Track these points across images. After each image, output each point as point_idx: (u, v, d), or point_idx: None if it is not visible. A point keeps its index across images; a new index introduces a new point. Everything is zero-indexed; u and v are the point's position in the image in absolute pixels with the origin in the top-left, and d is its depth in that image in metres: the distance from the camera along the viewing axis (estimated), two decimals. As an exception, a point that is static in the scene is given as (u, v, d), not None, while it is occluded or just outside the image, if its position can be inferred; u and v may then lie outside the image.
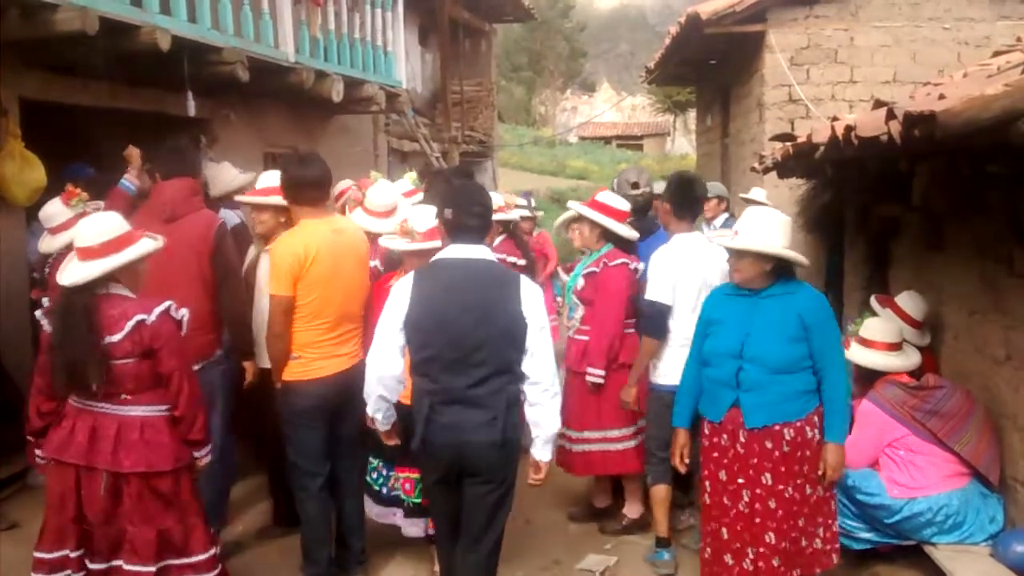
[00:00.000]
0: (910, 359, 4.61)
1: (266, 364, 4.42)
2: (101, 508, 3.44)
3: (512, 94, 46.60)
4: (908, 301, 5.03)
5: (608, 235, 4.90)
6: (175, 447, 3.51)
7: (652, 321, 4.49)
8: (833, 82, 9.95)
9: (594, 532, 5.11)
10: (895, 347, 4.61)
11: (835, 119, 4.99)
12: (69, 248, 4.52)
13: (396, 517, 4.42)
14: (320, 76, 7.76)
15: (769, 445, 3.68)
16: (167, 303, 3.51)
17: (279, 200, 4.47)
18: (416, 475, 4.18)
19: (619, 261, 4.80)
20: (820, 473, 3.68)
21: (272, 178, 4.65)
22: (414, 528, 4.39)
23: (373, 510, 4.48)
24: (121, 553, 3.47)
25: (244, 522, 5.15)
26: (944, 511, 4.18)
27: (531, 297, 3.44)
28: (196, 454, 3.62)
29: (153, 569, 3.47)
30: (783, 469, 3.68)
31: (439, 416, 3.36)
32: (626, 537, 5.03)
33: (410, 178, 5.87)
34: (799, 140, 5.73)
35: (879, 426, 4.34)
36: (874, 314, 5.02)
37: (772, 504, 3.68)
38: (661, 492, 4.61)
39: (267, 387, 4.41)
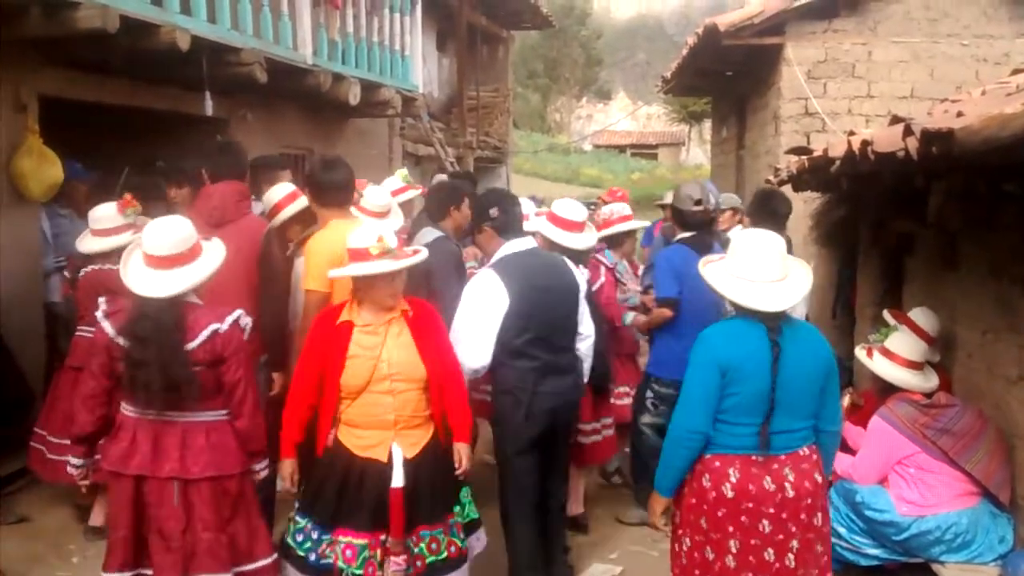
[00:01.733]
0: (928, 381, 4.57)
1: None
2: (176, 517, 3.36)
3: (528, 101, 46.65)
4: (922, 317, 5.00)
5: (557, 246, 4.74)
6: (240, 450, 3.48)
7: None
8: (850, 96, 9.93)
9: (597, 540, 5.10)
10: (917, 366, 4.58)
11: (852, 133, 4.97)
12: (104, 255, 4.61)
13: None
14: (337, 79, 7.79)
15: None
16: (238, 312, 3.48)
17: (298, 206, 4.58)
18: (361, 540, 3.45)
19: None
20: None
21: (285, 188, 4.72)
22: None
23: None
24: (199, 565, 3.38)
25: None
26: (953, 530, 4.15)
27: (578, 274, 4.29)
28: (255, 467, 3.54)
29: (231, 575, 3.42)
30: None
31: (543, 386, 3.98)
32: (631, 547, 5.02)
33: (400, 175, 5.90)
34: (815, 154, 5.71)
35: (889, 443, 4.32)
36: (894, 328, 4.98)
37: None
38: None
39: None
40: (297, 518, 3.56)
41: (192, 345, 3.35)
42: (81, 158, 6.20)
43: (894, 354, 4.59)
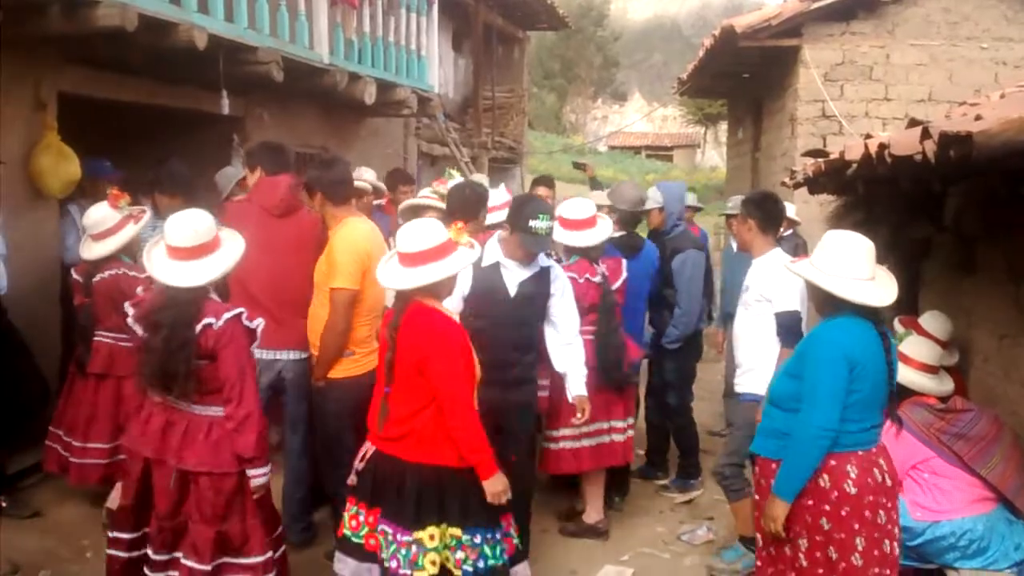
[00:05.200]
0: (943, 385, 4.54)
1: None
2: (169, 501, 3.47)
3: (543, 101, 46.62)
4: (932, 321, 4.96)
5: (571, 248, 4.95)
6: (227, 450, 3.49)
7: (788, 330, 4.40)
8: (867, 99, 9.89)
9: (609, 542, 5.09)
10: (932, 369, 4.55)
11: (868, 136, 4.95)
12: (114, 257, 4.64)
13: None
14: (353, 78, 7.81)
15: (763, 480, 3.54)
16: (238, 310, 3.50)
17: None
18: None
19: (567, 274, 4.71)
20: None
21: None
22: None
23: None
24: (181, 546, 3.50)
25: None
26: (968, 536, 4.12)
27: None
28: (248, 472, 3.47)
29: (209, 568, 3.46)
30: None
31: None
32: (643, 549, 5.01)
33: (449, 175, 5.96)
34: (831, 156, 5.69)
35: (904, 447, 4.28)
36: (908, 332, 4.95)
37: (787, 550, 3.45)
38: (746, 506, 4.62)
39: None
40: (488, 535, 3.46)
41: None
42: (98, 157, 6.22)
43: (909, 358, 4.55)
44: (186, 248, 3.42)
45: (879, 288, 3.36)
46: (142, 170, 5.77)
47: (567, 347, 4.49)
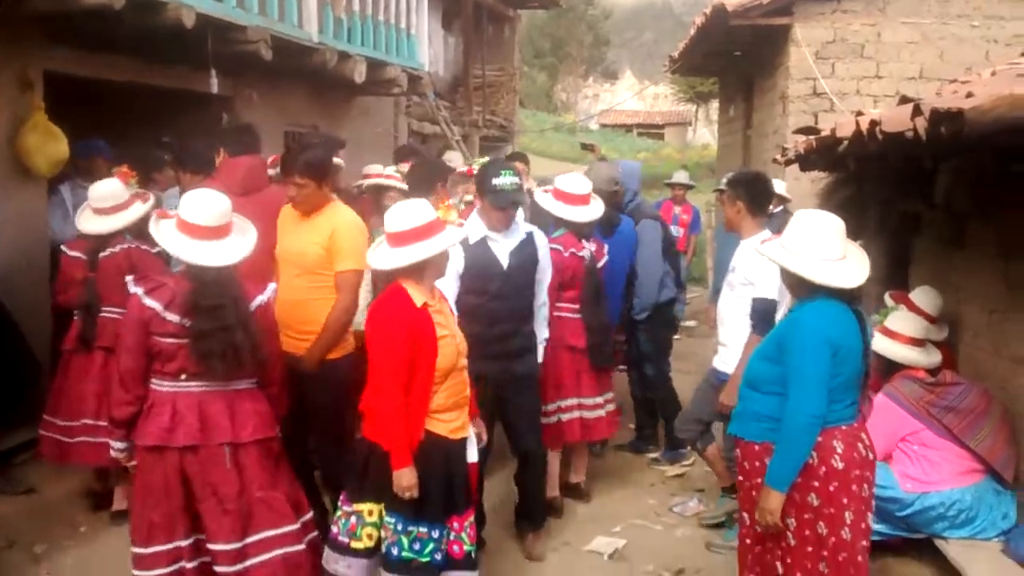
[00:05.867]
0: (931, 357, 4.58)
1: None
2: (230, 482, 3.40)
3: (534, 80, 46.46)
4: (922, 296, 5.00)
5: (562, 220, 4.97)
6: (273, 413, 3.60)
7: (762, 318, 4.31)
8: (858, 77, 9.87)
9: (601, 514, 5.13)
10: (918, 343, 4.58)
11: (860, 114, 4.95)
12: (117, 233, 4.61)
13: None
14: (343, 57, 7.77)
15: (746, 463, 3.52)
16: (273, 284, 3.63)
17: None
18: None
19: (551, 246, 4.73)
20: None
21: None
22: None
23: None
24: (260, 524, 3.43)
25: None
26: (957, 506, 4.17)
27: None
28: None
29: (298, 526, 3.51)
30: (754, 494, 3.41)
31: None
32: (635, 521, 5.05)
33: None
34: (822, 133, 5.70)
35: (894, 420, 4.33)
36: (894, 308, 4.99)
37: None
38: (714, 451, 4.89)
39: None
40: (408, 528, 3.33)
41: None
42: (87, 136, 6.19)
43: (895, 332, 4.59)
44: (213, 227, 3.41)
45: (849, 268, 3.29)
46: (137, 151, 5.74)
47: (540, 314, 4.57)
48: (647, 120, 45.54)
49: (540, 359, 4.56)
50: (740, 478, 3.56)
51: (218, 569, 3.39)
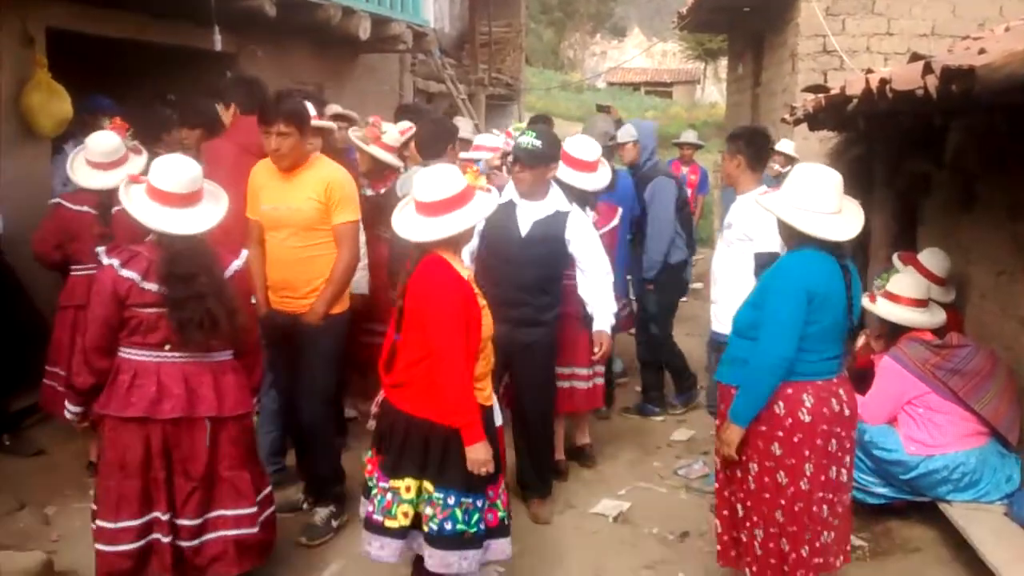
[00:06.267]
0: (935, 317, 4.57)
1: None
2: (205, 458, 3.38)
3: (541, 37, 45.92)
4: (930, 258, 4.97)
5: (565, 187, 4.75)
6: (249, 387, 3.57)
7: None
8: (869, 34, 9.72)
9: (607, 477, 5.16)
10: (921, 303, 4.57)
11: (870, 71, 4.88)
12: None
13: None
14: (347, 13, 7.69)
15: (722, 405, 3.58)
16: (245, 250, 3.59)
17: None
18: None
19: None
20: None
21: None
22: None
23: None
24: (221, 502, 3.43)
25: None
26: (960, 469, 4.18)
27: None
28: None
29: (255, 509, 3.48)
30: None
31: None
32: (640, 484, 5.08)
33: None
34: (832, 92, 5.63)
35: (899, 383, 4.33)
36: (899, 271, 4.97)
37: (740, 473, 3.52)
38: None
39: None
40: (461, 500, 3.26)
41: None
42: (90, 95, 6.14)
43: (897, 295, 4.58)
44: (182, 194, 3.33)
45: (842, 222, 3.32)
46: (142, 110, 5.68)
47: (593, 288, 4.49)
48: (655, 78, 45.03)
49: (598, 326, 4.48)
50: (718, 421, 3.63)
51: (181, 544, 3.39)
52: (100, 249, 3.42)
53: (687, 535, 4.49)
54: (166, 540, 3.33)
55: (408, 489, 3.27)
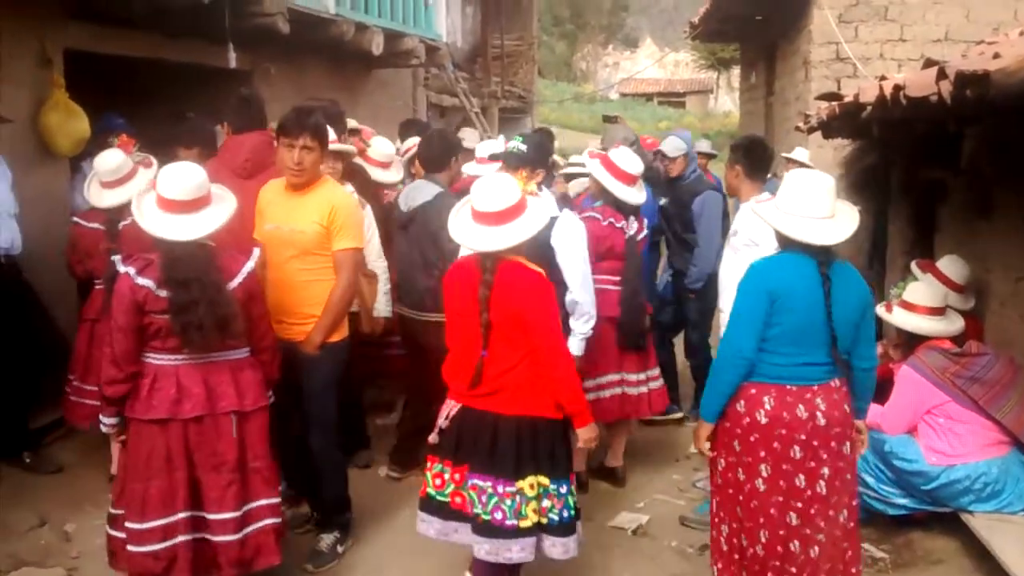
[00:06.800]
0: (953, 324, 4.53)
1: None
2: (234, 450, 3.49)
3: (553, 49, 46.02)
4: (949, 265, 4.94)
5: (607, 194, 4.88)
6: (266, 382, 3.66)
7: None
8: (882, 40, 9.68)
9: (625, 490, 5.14)
10: (938, 312, 4.53)
11: (883, 78, 4.87)
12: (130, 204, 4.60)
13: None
14: (360, 29, 7.73)
15: None
16: (257, 250, 3.64)
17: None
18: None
19: (588, 214, 4.74)
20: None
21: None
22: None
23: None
24: (253, 494, 3.54)
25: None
26: (983, 479, 4.13)
27: None
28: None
29: (277, 500, 3.64)
30: None
31: None
32: (658, 496, 5.06)
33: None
34: (846, 99, 5.61)
35: (918, 392, 4.29)
36: (916, 279, 4.94)
37: None
38: None
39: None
40: (570, 487, 3.52)
41: (233, 284, 3.47)
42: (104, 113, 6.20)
43: (914, 304, 4.55)
44: (183, 201, 3.37)
45: (826, 227, 3.29)
46: (155, 127, 5.73)
47: (570, 299, 4.32)
48: (668, 88, 45.02)
49: (576, 350, 4.30)
50: None
51: (218, 539, 3.46)
52: (116, 258, 3.52)
53: (707, 548, 4.45)
54: (184, 539, 3.42)
55: (531, 487, 3.41)
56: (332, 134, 4.42)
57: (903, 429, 4.33)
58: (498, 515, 3.39)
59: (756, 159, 4.74)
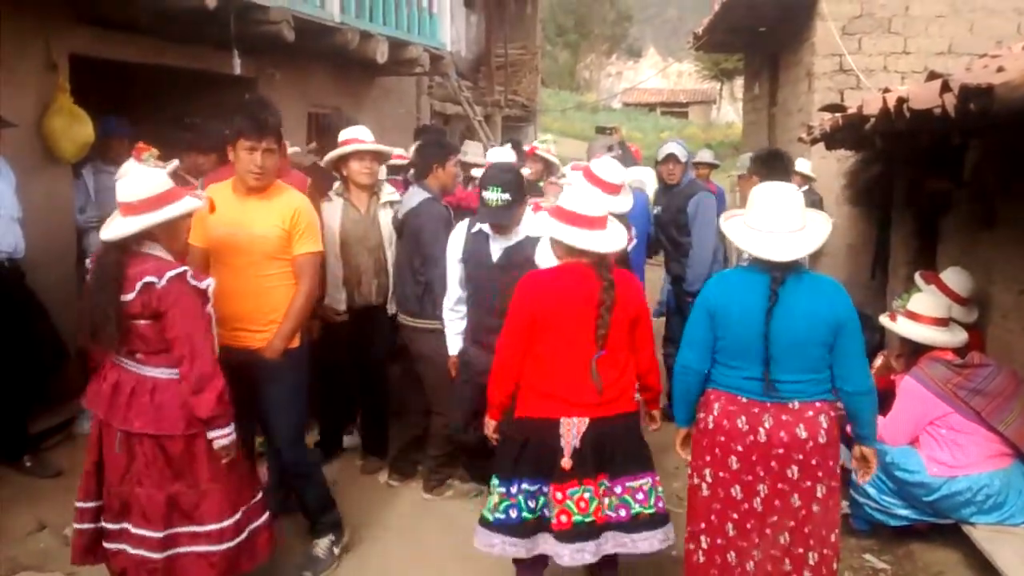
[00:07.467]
0: (956, 336, 4.53)
1: None
2: (116, 465, 3.38)
3: (556, 58, 46.18)
4: (953, 277, 4.94)
5: None
6: (188, 412, 3.32)
7: None
8: (886, 52, 9.70)
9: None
10: (942, 323, 4.53)
11: (887, 90, 4.87)
12: None
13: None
14: (365, 37, 7.75)
15: None
16: (182, 268, 3.32)
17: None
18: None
19: None
20: None
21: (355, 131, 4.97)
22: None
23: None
24: (130, 516, 3.38)
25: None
26: (984, 491, 4.13)
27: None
28: (209, 435, 3.34)
29: (160, 535, 3.35)
30: None
31: None
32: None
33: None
34: (849, 111, 5.62)
35: (921, 403, 4.29)
36: (920, 290, 4.94)
37: None
38: None
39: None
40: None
41: (130, 296, 3.26)
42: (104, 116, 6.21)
43: (918, 314, 4.54)
44: (126, 204, 3.32)
45: (788, 243, 3.21)
46: (161, 133, 5.73)
47: None
48: (671, 99, 45.12)
49: None
50: None
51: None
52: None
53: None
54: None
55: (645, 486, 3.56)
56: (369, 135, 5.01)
57: (905, 440, 4.32)
58: (660, 504, 3.56)
59: (773, 169, 4.78)
